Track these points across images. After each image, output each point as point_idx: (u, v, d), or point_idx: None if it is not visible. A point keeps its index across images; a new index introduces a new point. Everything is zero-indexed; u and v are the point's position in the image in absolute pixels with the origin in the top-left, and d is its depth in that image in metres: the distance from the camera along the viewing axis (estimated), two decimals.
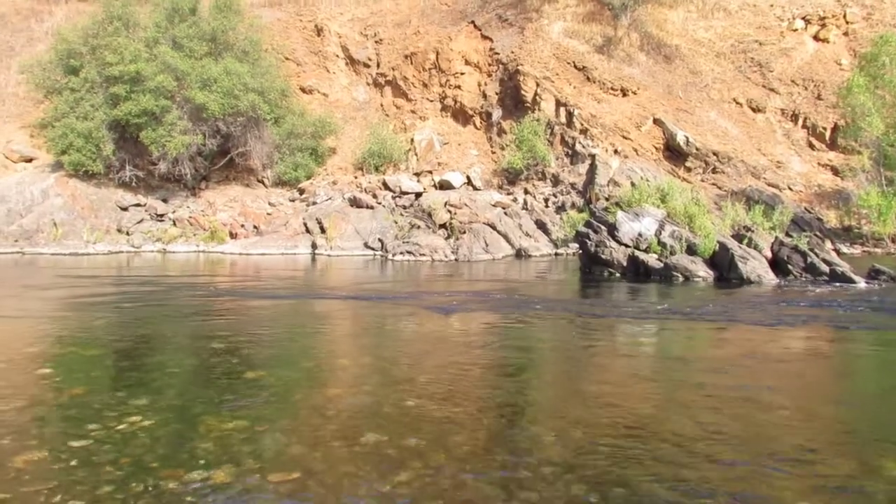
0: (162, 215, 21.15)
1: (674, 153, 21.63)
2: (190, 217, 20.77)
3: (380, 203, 20.72)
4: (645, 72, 23.89)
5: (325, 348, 7.12)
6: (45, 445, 3.72)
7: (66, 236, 19.17)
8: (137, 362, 6.16)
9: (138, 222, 20.64)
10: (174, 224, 20.68)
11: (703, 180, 20.70)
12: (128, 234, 20.08)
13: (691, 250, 12.70)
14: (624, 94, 22.95)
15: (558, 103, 22.74)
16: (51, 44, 23.65)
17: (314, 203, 21.25)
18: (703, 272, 12.23)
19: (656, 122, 22.13)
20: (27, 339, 7.32)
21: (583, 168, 21.55)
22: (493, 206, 20.34)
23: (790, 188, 20.66)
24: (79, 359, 6.26)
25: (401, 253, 17.71)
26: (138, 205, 21.27)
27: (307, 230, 19.83)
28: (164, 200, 21.85)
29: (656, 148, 21.88)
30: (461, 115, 24.65)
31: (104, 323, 8.12)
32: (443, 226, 19.40)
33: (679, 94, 23.35)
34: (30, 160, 23.01)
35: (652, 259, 12.74)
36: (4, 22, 28.20)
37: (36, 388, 5.13)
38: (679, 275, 12.19)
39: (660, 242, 12.97)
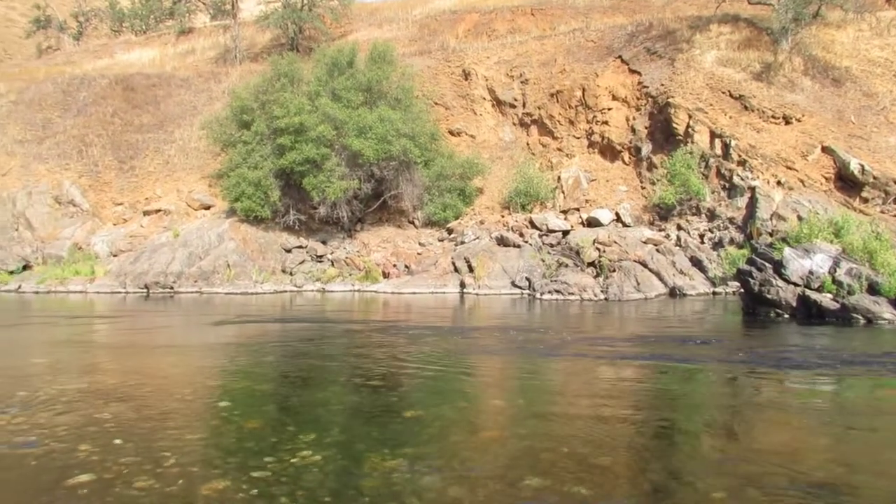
0: (321, 256, 22.45)
1: (847, 183, 19.87)
2: (346, 258, 21.87)
3: (526, 242, 20.70)
4: (810, 97, 22.30)
5: (479, 387, 7.15)
6: (229, 475, 4.00)
7: (237, 277, 20.81)
8: (304, 398, 6.50)
9: (300, 263, 22.03)
10: (332, 264, 21.85)
11: (883, 212, 18.81)
12: (291, 274, 21.47)
13: (873, 290, 11.51)
14: (787, 122, 21.52)
15: (713, 135, 21.73)
16: (227, 102, 26.14)
17: (462, 242, 21.63)
18: (888, 314, 11.02)
19: (825, 150, 20.49)
20: (207, 372, 7.97)
21: (741, 202, 20.36)
22: (644, 242, 19.67)
23: None
24: (253, 393, 6.72)
25: (548, 292, 17.53)
26: (300, 247, 22.72)
27: (455, 269, 20.18)
28: (324, 242, 23.19)
29: (826, 178, 20.22)
30: (609, 151, 24.22)
31: (273, 359, 8.68)
32: (591, 264, 18.99)
33: (851, 119, 21.51)
34: (208, 207, 25.39)
35: (826, 299, 11.68)
36: (189, 84, 31.58)
37: (217, 420, 5.56)
38: (859, 317, 11.07)
39: (835, 281, 11.87)
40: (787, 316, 11.94)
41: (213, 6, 42.33)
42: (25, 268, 23.14)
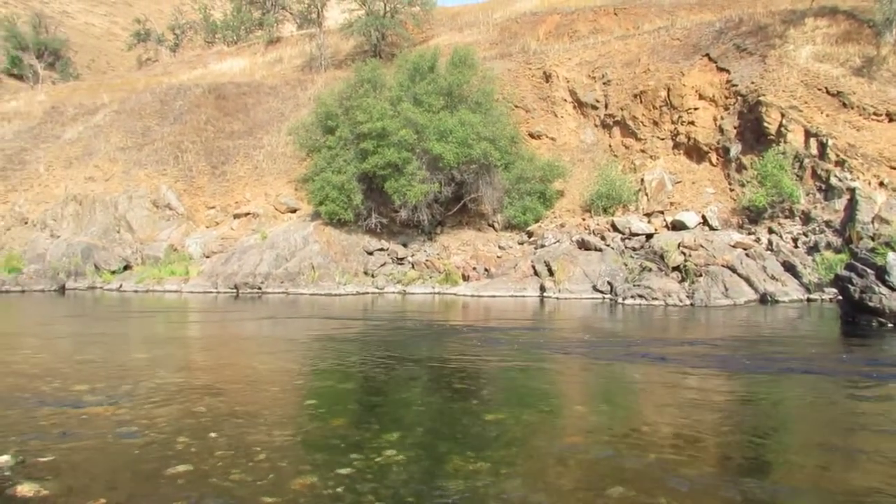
0: (402, 259, 22.74)
1: None
2: (426, 260, 22.06)
3: (608, 245, 20.30)
4: None
5: (562, 392, 7.07)
6: (317, 471, 4.12)
7: (321, 278, 21.35)
8: (387, 398, 6.61)
9: (381, 265, 22.39)
10: (413, 267, 22.09)
11: None
12: (372, 276, 21.84)
13: None
14: (891, 120, 20.25)
15: (808, 134, 20.70)
16: (312, 108, 26.89)
17: (542, 246, 21.42)
18: None
19: None
20: (294, 370, 8.22)
21: (839, 204, 19.28)
22: (733, 246, 18.93)
23: None
24: (337, 392, 6.88)
25: (631, 297, 17.14)
26: (382, 249, 23.09)
27: (535, 273, 20.01)
28: (404, 245, 23.49)
29: None
30: (695, 152, 23.46)
31: (357, 359, 8.85)
32: (676, 268, 18.45)
33: None
34: (294, 211, 26.19)
35: None
36: (276, 92, 32.70)
37: (304, 418, 5.73)
38: None
39: None
40: (890, 325, 11.24)
41: (300, 16, 43.69)
42: (126, 268, 24.53)
